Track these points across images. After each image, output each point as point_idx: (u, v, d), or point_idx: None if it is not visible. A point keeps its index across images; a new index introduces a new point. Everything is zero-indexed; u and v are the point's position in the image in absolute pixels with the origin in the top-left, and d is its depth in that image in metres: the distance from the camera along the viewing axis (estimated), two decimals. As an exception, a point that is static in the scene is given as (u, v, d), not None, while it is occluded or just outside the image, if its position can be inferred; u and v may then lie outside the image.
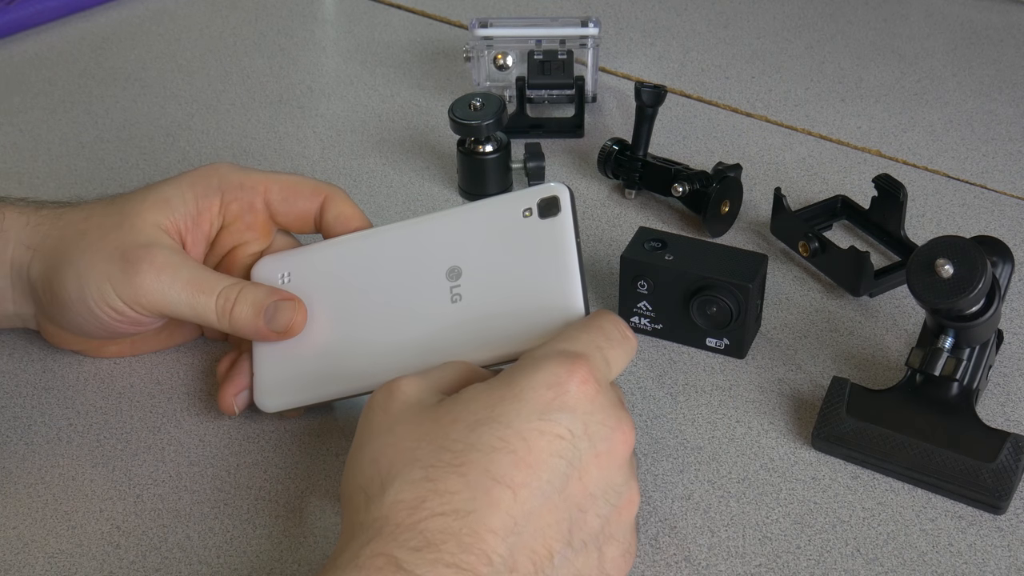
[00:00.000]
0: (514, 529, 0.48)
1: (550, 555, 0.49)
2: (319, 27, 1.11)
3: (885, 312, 0.74)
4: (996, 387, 0.68)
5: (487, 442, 0.48)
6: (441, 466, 0.48)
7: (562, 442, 0.49)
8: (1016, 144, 0.91)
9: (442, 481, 0.47)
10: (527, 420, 0.49)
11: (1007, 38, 1.06)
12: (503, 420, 0.49)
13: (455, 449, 0.48)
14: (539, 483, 0.48)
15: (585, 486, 0.50)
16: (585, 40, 0.93)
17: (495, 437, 0.48)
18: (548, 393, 0.50)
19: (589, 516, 0.51)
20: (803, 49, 1.05)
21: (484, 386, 0.51)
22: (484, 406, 0.50)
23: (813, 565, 0.58)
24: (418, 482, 0.48)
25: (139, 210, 0.64)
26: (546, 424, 0.49)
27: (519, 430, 0.49)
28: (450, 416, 0.50)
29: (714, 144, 0.91)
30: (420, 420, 0.50)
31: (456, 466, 0.48)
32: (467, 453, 0.48)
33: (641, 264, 0.70)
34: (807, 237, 0.76)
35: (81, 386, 0.70)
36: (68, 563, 0.59)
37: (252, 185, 0.66)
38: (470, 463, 0.48)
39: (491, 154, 0.84)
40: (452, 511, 0.47)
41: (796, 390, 0.68)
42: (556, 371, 0.50)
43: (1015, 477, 0.60)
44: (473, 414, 0.49)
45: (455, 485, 0.47)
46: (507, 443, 0.48)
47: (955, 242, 0.59)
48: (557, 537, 0.49)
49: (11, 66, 1.05)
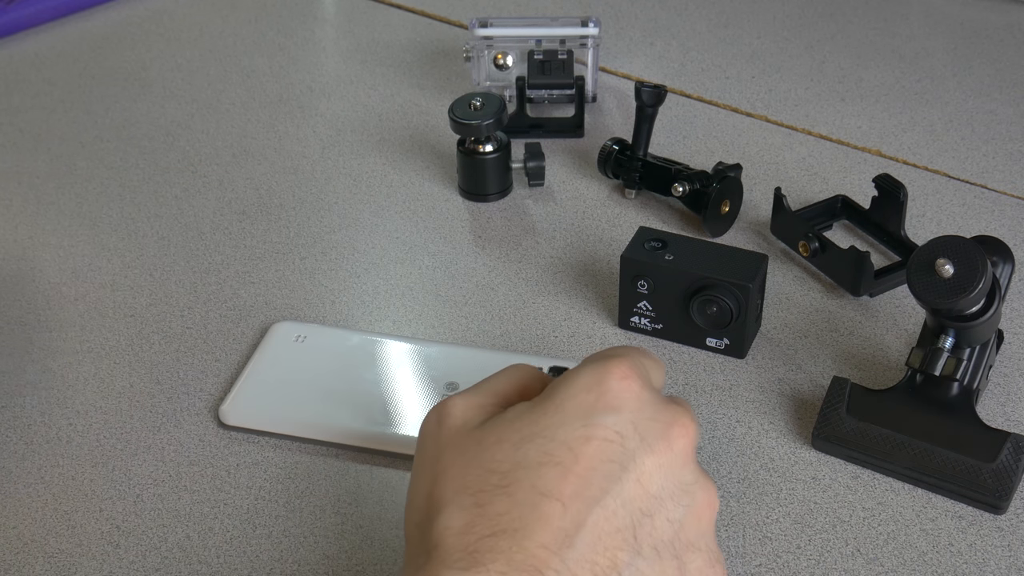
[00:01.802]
0: (567, 542, 0.45)
1: (615, 565, 0.46)
2: (319, 27, 1.11)
3: (885, 312, 0.74)
4: (996, 387, 0.68)
5: (532, 458, 0.46)
6: (489, 489, 0.46)
7: (611, 445, 0.47)
8: (1016, 144, 0.91)
9: (490, 504, 0.46)
10: (571, 429, 0.47)
11: (1007, 38, 1.06)
12: (546, 434, 0.47)
13: (501, 470, 0.47)
14: (591, 491, 0.46)
15: (646, 488, 0.47)
16: (585, 40, 0.93)
17: (540, 452, 0.46)
18: (588, 397, 0.48)
19: (658, 521, 0.47)
20: (803, 49, 1.05)
21: (526, 404, 0.49)
22: (527, 423, 0.48)
23: (813, 565, 0.58)
24: (467, 508, 0.46)
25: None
26: (591, 429, 0.47)
27: (563, 441, 0.47)
28: (494, 437, 0.48)
29: (714, 144, 0.91)
30: (466, 444, 0.49)
31: (503, 487, 0.46)
32: (513, 472, 0.46)
33: (641, 264, 0.70)
34: (807, 237, 0.76)
35: (81, 386, 0.70)
36: (68, 563, 0.59)
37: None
38: (517, 482, 0.46)
39: (491, 154, 0.84)
40: (500, 531, 0.45)
41: (796, 390, 0.68)
42: (594, 374, 0.48)
43: (1015, 477, 0.60)
44: (517, 432, 0.48)
45: (503, 506, 0.46)
46: (552, 456, 0.46)
47: (955, 242, 0.59)
48: (621, 546, 0.46)
49: (11, 66, 1.05)
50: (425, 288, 0.77)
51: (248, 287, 0.77)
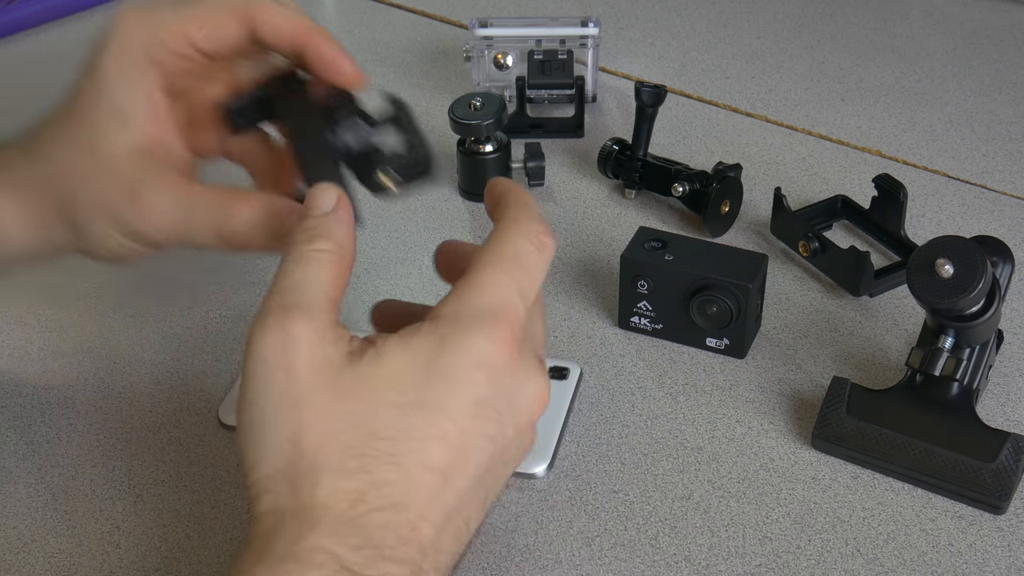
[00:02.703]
0: (443, 514, 0.48)
1: (467, 525, 0.50)
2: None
3: (885, 312, 0.74)
4: (996, 387, 0.68)
5: (421, 429, 0.47)
6: (375, 455, 0.47)
7: (490, 423, 0.49)
8: (1016, 144, 0.91)
9: (378, 472, 0.47)
10: (459, 405, 0.48)
11: (1007, 38, 1.06)
12: (435, 405, 0.48)
13: (388, 436, 0.47)
14: (468, 465, 0.48)
15: (504, 459, 0.50)
16: (585, 40, 0.93)
17: (428, 423, 0.47)
18: (477, 374, 0.48)
19: (500, 479, 0.51)
20: (803, 49, 1.05)
21: (407, 356, 0.48)
22: (413, 386, 0.48)
23: (813, 565, 0.58)
24: (354, 472, 0.46)
25: (108, 140, 0.57)
26: (477, 407, 0.48)
27: (451, 416, 0.48)
28: (374, 393, 0.48)
29: (714, 144, 0.91)
30: (339, 393, 0.47)
31: (391, 455, 0.47)
32: (401, 442, 0.47)
33: (641, 264, 0.70)
34: (807, 237, 0.76)
35: (81, 386, 0.70)
36: (68, 563, 0.59)
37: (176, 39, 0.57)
38: (404, 452, 0.47)
39: (491, 154, 0.84)
40: (391, 505, 0.46)
41: (796, 390, 0.68)
42: (484, 346, 0.48)
43: (1015, 477, 0.60)
44: (402, 395, 0.48)
45: (391, 475, 0.47)
46: (439, 428, 0.47)
47: (955, 242, 0.59)
48: (476, 506, 0.50)
49: (11, 66, 1.05)
50: (425, 288, 0.77)
51: (248, 287, 0.77)
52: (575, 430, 0.66)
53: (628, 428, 0.66)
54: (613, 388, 0.69)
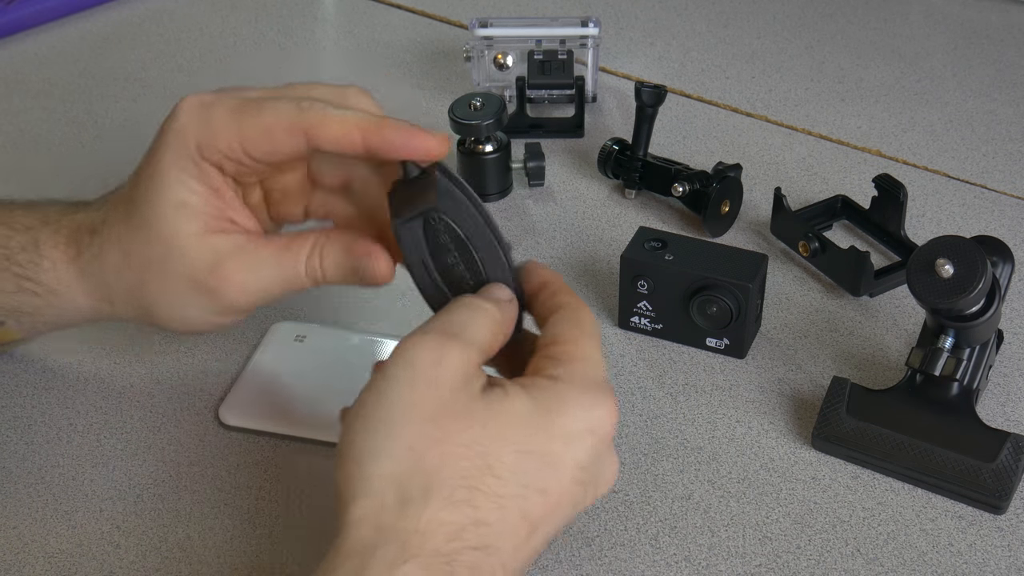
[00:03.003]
0: (521, 566, 0.49)
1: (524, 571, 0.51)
2: (319, 27, 1.11)
3: (885, 312, 0.74)
4: (996, 387, 0.68)
5: (530, 478, 0.49)
6: (484, 491, 0.48)
7: (581, 488, 0.51)
8: (1016, 144, 0.91)
9: (483, 510, 0.48)
10: (567, 465, 0.50)
11: (1007, 38, 1.06)
12: (548, 459, 0.49)
13: (501, 476, 0.48)
14: (552, 523, 0.50)
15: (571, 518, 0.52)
16: (585, 40, 0.93)
17: (537, 474, 0.49)
18: (589, 439, 0.51)
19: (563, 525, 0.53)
20: (803, 49, 1.05)
21: (532, 407, 0.50)
22: (532, 431, 0.49)
23: (813, 565, 0.58)
24: (460, 505, 0.47)
25: (173, 230, 0.57)
26: (578, 471, 0.50)
27: (558, 474, 0.50)
28: (497, 429, 0.49)
29: (714, 144, 0.91)
30: (470, 420, 0.49)
31: (498, 497, 0.48)
32: (511, 486, 0.48)
33: (641, 264, 0.70)
34: (807, 237, 0.76)
35: (81, 386, 0.70)
36: (68, 563, 0.59)
37: (228, 145, 0.57)
38: (510, 497, 0.48)
39: (491, 154, 0.84)
40: (483, 546, 0.47)
41: (796, 390, 0.68)
42: (599, 415, 0.51)
43: (1015, 477, 0.60)
44: (522, 437, 0.49)
45: (492, 516, 0.48)
46: (545, 483, 0.49)
47: (955, 242, 0.59)
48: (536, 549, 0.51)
49: (11, 66, 1.05)
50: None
51: (248, 287, 0.77)
52: (575, 430, 0.66)
53: (628, 428, 0.66)
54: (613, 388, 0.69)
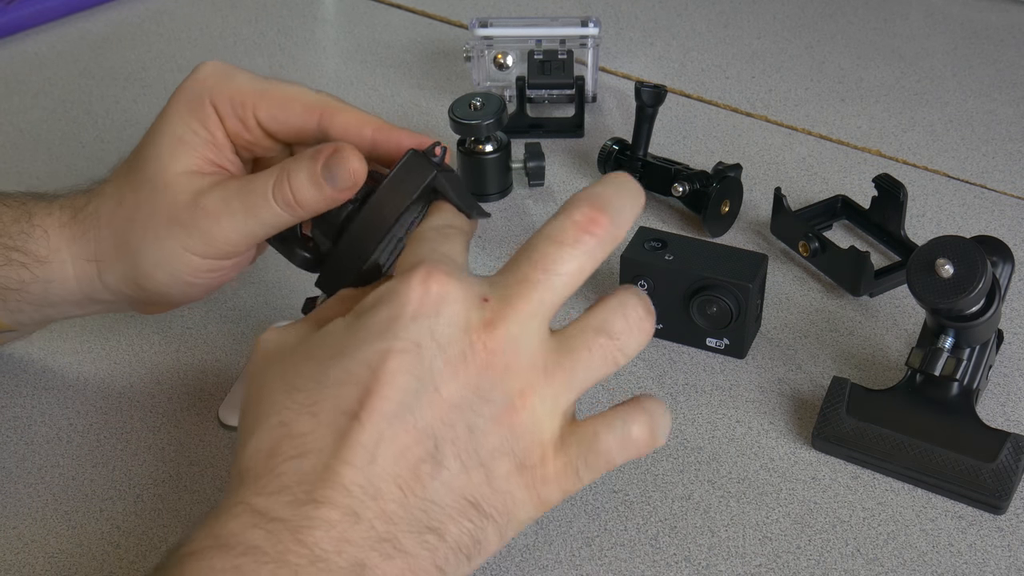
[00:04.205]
0: (368, 457, 0.46)
1: (417, 476, 0.46)
2: (319, 27, 1.11)
3: (885, 312, 0.74)
4: (996, 387, 0.68)
5: (334, 376, 0.47)
6: (294, 408, 0.47)
7: (407, 357, 0.46)
8: (1016, 144, 0.91)
9: (295, 424, 0.47)
10: (370, 345, 0.47)
11: (1007, 38, 1.06)
12: (348, 352, 0.47)
13: (306, 388, 0.47)
14: (388, 405, 0.46)
15: (444, 397, 0.47)
16: (585, 40, 0.93)
17: (342, 370, 0.47)
18: (387, 310, 0.47)
19: (458, 429, 0.47)
20: (803, 49, 1.05)
21: (340, 320, 0.50)
22: (334, 340, 0.48)
23: (813, 565, 0.58)
24: (274, 428, 0.47)
25: (163, 166, 0.59)
26: (388, 343, 0.46)
27: (362, 359, 0.47)
28: (303, 354, 0.49)
29: (714, 144, 0.91)
30: (276, 367, 0.49)
31: (308, 406, 0.47)
32: (317, 391, 0.47)
33: (641, 264, 0.70)
34: (807, 237, 0.76)
35: (81, 386, 0.70)
36: (68, 563, 0.59)
37: (242, 101, 0.59)
38: (320, 401, 0.47)
39: (491, 154, 0.84)
40: (304, 452, 0.46)
41: (796, 390, 0.68)
42: (393, 287, 0.48)
43: (1015, 477, 0.60)
44: (325, 349, 0.48)
45: (307, 425, 0.46)
46: (352, 374, 0.47)
47: (955, 242, 0.59)
48: (421, 456, 0.46)
49: (11, 66, 1.05)
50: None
51: (248, 287, 0.77)
52: (575, 430, 0.66)
53: (628, 428, 0.66)
54: (613, 388, 0.69)
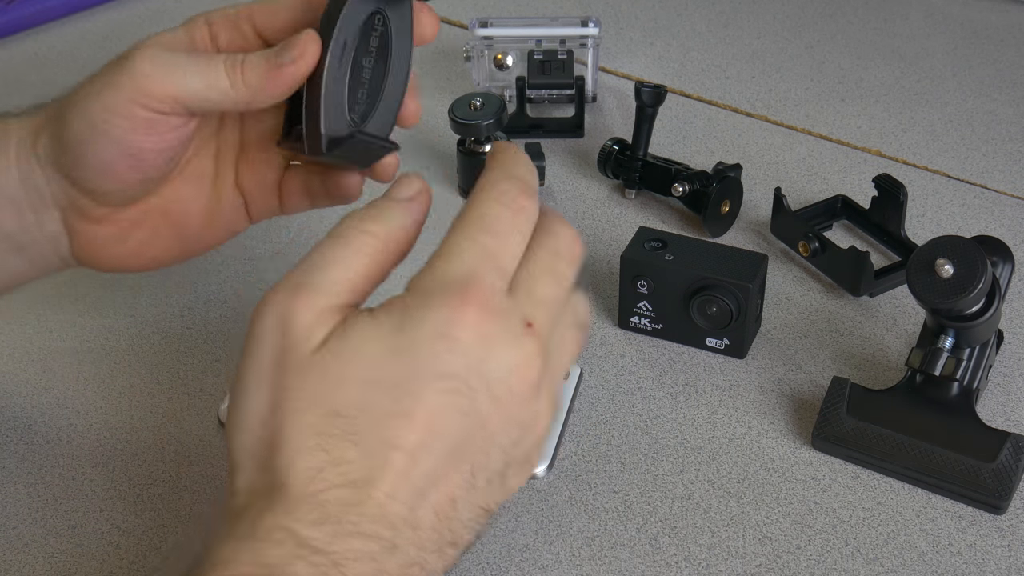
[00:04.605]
0: (413, 490, 0.46)
1: (452, 501, 0.47)
2: (319, 27, 1.11)
3: (885, 312, 0.74)
4: (996, 387, 0.68)
5: (380, 406, 0.46)
6: (334, 433, 0.46)
7: (458, 396, 0.46)
8: (1016, 144, 0.91)
9: (337, 450, 0.45)
10: (420, 379, 0.46)
11: (1007, 38, 1.06)
12: (394, 380, 0.46)
13: (347, 415, 0.46)
14: (435, 441, 0.46)
15: (486, 431, 0.47)
16: (585, 40, 0.93)
17: (387, 399, 0.46)
18: (440, 345, 0.46)
19: (492, 455, 0.48)
20: (803, 49, 1.05)
21: (372, 329, 0.47)
22: (375, 362, 0.46)
23: (813, 565, 0.58)
24: (312, 451, 0.45)
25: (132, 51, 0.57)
26: (439, 381, 0.46)
27: (411, 391, 0.46)
28: (337, 370, 0.46)
29: (714, 144, 0.91)
30: (307, 373, 0.47)
31: (351, 434, 0.46)
32: (361, 420, 0.46)
33: (641, 264, 0.70)
34: (807, 237, 0.76)
35: (81, 386, 0.70)
36: (68, 563, 0.59)
37: (237, 14, 0.59)
38: (364, 431, 0.46)
39: (491, 154, 0.84)
40: (351, 482, 0.45)
41: (796, 390, 0.68)
42: (447, 316, 0.46)
43: (1015, 477, 0.60)
44: (364, 371, 0.46)
45: (351, 454, 0.45)
46: (399, 405, 0.46)
47: (955, 242, 0.59)
48: (459, 484, 0.47)
49: (11, 66, 1.05)
50: (425, 288, 0.77)
51: (248, 287, 0.77)
52: (575, 430, 0.66)
53: (628, 428, 0.66)
54: (613, 388, 0.69)
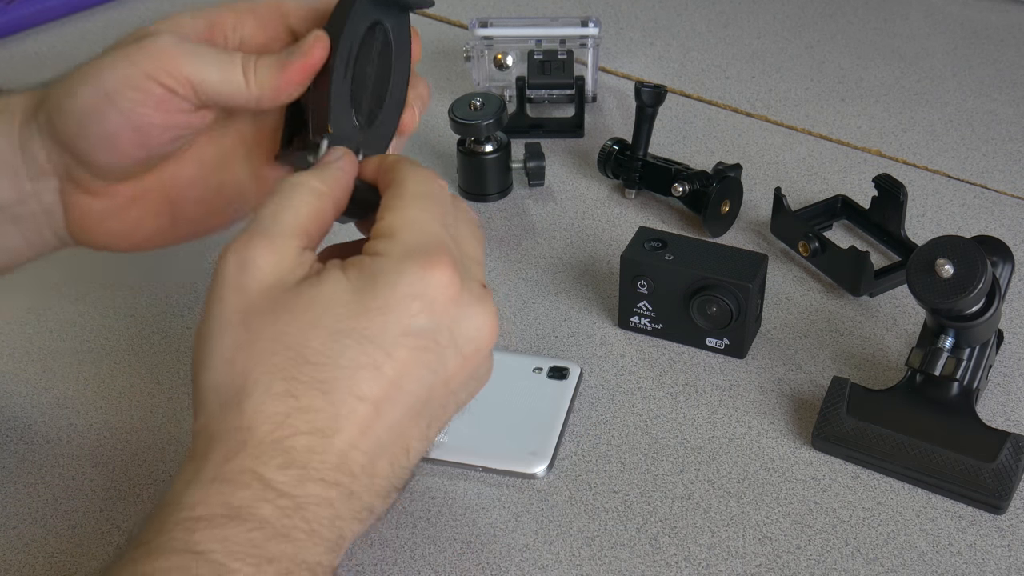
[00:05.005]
0: (375, 442, 0.48)
1: (407, 452, 0.49)
2: (319, 27, 1.11)
3: (885, 312, 0.74)
4: (996, 387, 0.68)
5: (351, 357, 0.47)
6: (304, 380, 0.47)
7: (426, 353, 0.48)
8: (1016, 144, 0.91)
9: (305, 397, 0.46)
10: (392, 335, 0.48)
11: (1007, 38, 1.06)
12: (367, 334, 0.47)
13: (317, 362, 0.47)
14: (402, 395, 0.48)
15: (448, 387, 0.50)
16: (585, 40, 0.93)
17: (359, 351, 0.47)
18: (413, 305, 0.48)
19: (449, 409, 0.51)
20: (803, 49, 1.05)
21: (345, 284, 0.48)
22: (348, 314, 0.48)
23: (813, 565, 0.58)
24: (280, 396, 0.46)
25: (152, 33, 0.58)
26: (411, 338, 0.48)
27: (383, 345, 0.47)
28: (309, 317, 0.47)
29: (714, 144, 0.91)
30: (277, 314, 0.48)
31: (320, 382, 0.47)
32: (330, 368, 0.47)
33: (641, 264, 0.70)
34: (807, 237, 0.76)
35: (81, 386, 0.70)
36: (68, 563, 0.59)
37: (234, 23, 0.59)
38: (333, 380, 0.47)
39: (491, 154, 0.84)
40: (316, 430, 0.46)
41: (796, 390, 0.68)
42: (419, 277, 0.48)
43: (1015, 477, 0.60)
44: (336, 321, 0.47)
45: (318, 403, 0.46)
46: (371, 358, 0.47)
47: (955, 242, 0.59)
48: (415, 435, 0.49)
49: (11, 66, 1.05)
50: (425, 288, 0.77)
51: (248, 287, 0.77)
52: (575, 430, 0.66)
53: (628, 428, 0.66)
54: (613, 388, 0.69)
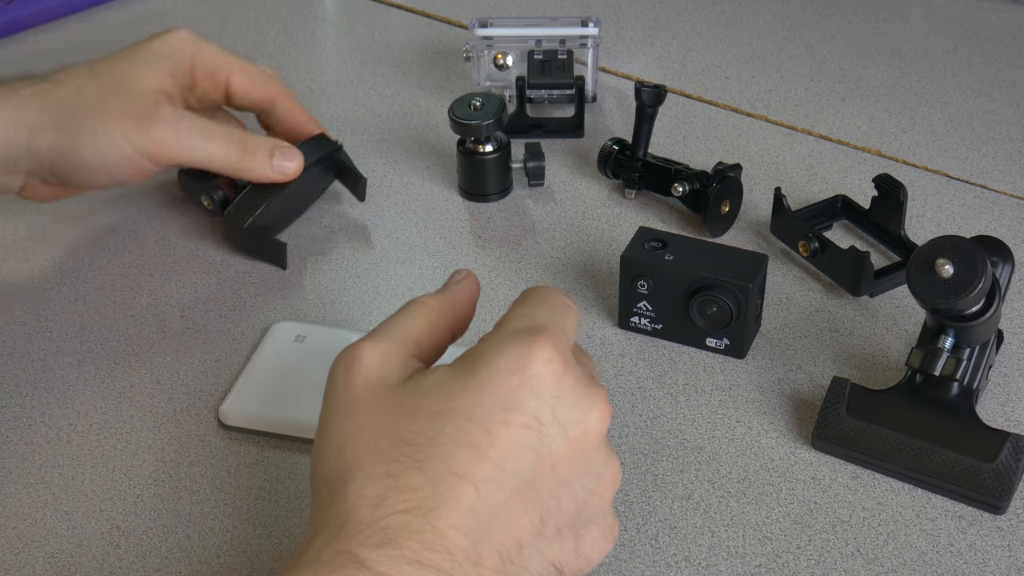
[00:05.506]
0: (477, 524, 0.46)
1: (519, 546, 0.48)
2: (319, 27, 1.11)
3: (885, 312, 0.74)
4: (996, 387, 0.68)
5: (448, 435, 0.47)
6: (403, 460, 0.47)
7: (528, 432, 0.47)
8: (1016, 144, 0.91)
9: (403, 477, 0.46)
10: (490, 411, 0.47)
11: (1007, 38, 1.06)
12: (465, 412, 0.47)
13: (416, 443, 0.47)
14: (503, 476, 0.47)
15: (557, 474, 0.48)
16: (585, 40, 0.93)
17: (457, 430, 0.47)
18: (511, 380, 0.47)
19: (563, 503, 0.49)
20: (803, 49, 1.05)
21: (447, 371, 0.49)
22: (446, 396, 0.48)
23: (813, 565, 0.58)
24: (379, 478, 0.46)
25: (137, 77, 0.73)
26: (510, 415, 0.47)
27: (481, 423, 0.47)
28: (412, 403, 0.48)
29: (714, 144, 0.91)
30: (382, 405, 0.48)
31: (417, 461, 0.46)
32: (428, 447, 0.47)
33: (641, 264, 0.70)
34: (807, 237, 0.76)
35: (81, 386, 0.70)
36: (68, 563, 0.59)
37: (219, 68, 0.78)
38: (431, 458, 0.46)
39: (491, 154, 0.84)
40: (413, 508, 0.46)
41: (796, 390, 0.68)
42: (519, 354, 0.48)
43: (1015, 477, 0.60)
44: (435, 403, 0.48)
45: (416, 481, 0.46)
46: (469, 436, 0.47)
47: (955, 242, 0.59)
48: (527, 528, 0.48)
49: (11, 66, 1.05)
50: (425, 288, 0.77)
51: (248, 287, 0.77)
52: (575, 430, 0.66)
53: (628, 428, 0.66)
54: (613, 388, 0.69)
